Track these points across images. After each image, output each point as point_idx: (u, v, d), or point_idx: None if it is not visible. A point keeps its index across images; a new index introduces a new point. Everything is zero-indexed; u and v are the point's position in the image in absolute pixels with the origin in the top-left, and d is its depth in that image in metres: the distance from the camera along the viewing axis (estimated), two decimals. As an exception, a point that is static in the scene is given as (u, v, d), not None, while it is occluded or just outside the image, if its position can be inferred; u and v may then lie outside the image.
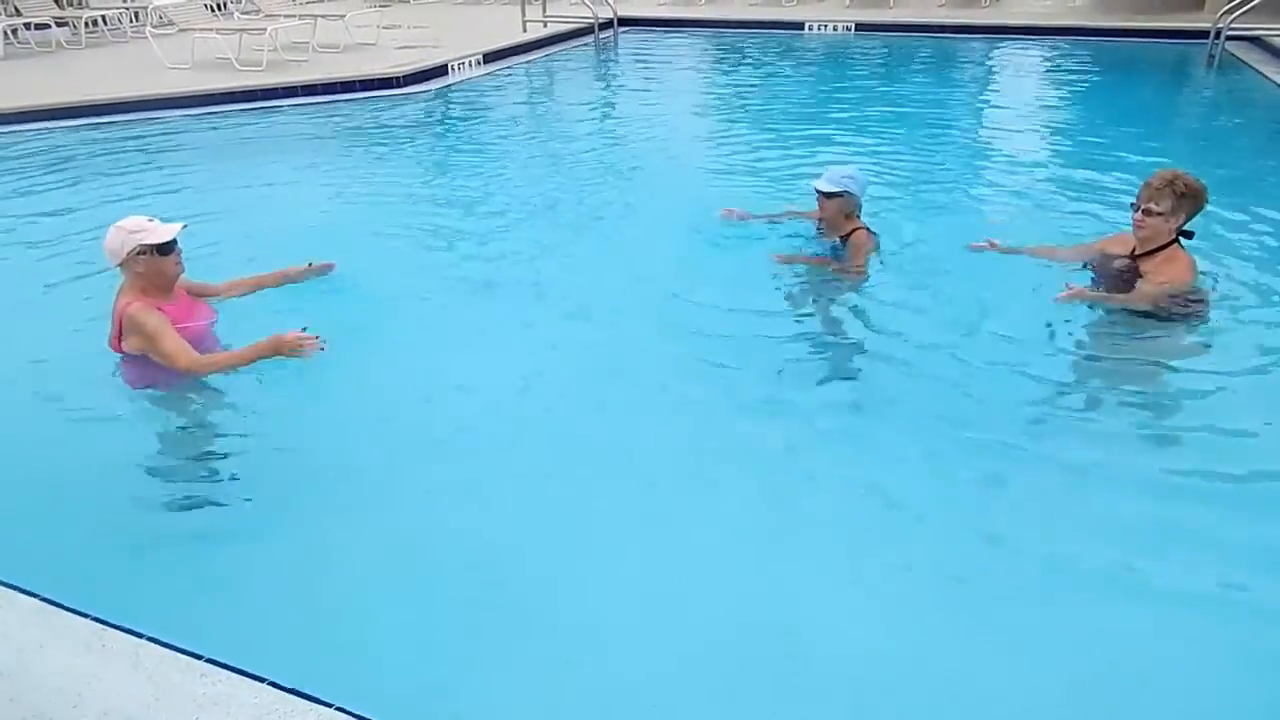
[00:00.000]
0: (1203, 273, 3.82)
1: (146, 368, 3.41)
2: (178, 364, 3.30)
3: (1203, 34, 10.31)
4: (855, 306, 4.18)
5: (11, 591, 2.42)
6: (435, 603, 2.61)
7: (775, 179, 6.27)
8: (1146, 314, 3.67)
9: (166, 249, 3.39)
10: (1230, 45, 10.05)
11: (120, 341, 3.40)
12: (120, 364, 3.49)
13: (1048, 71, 10.58)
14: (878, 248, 4.44)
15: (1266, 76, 9.00)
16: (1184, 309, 3.66)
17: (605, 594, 2.63)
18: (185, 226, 3.48)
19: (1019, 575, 2.66)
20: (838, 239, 4.45)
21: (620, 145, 7.78)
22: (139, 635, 2.25)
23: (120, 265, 3.38)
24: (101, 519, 2.97)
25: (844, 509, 2.97)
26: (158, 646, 2.22)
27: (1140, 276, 3.71)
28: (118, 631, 2.27)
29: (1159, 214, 3.58)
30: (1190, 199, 3.57)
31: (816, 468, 3.19)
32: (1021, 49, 11.51)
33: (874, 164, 6.37)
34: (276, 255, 4.33)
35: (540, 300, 4.47)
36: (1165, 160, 6.31)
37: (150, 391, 3.49)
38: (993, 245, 4.34)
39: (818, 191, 4.33)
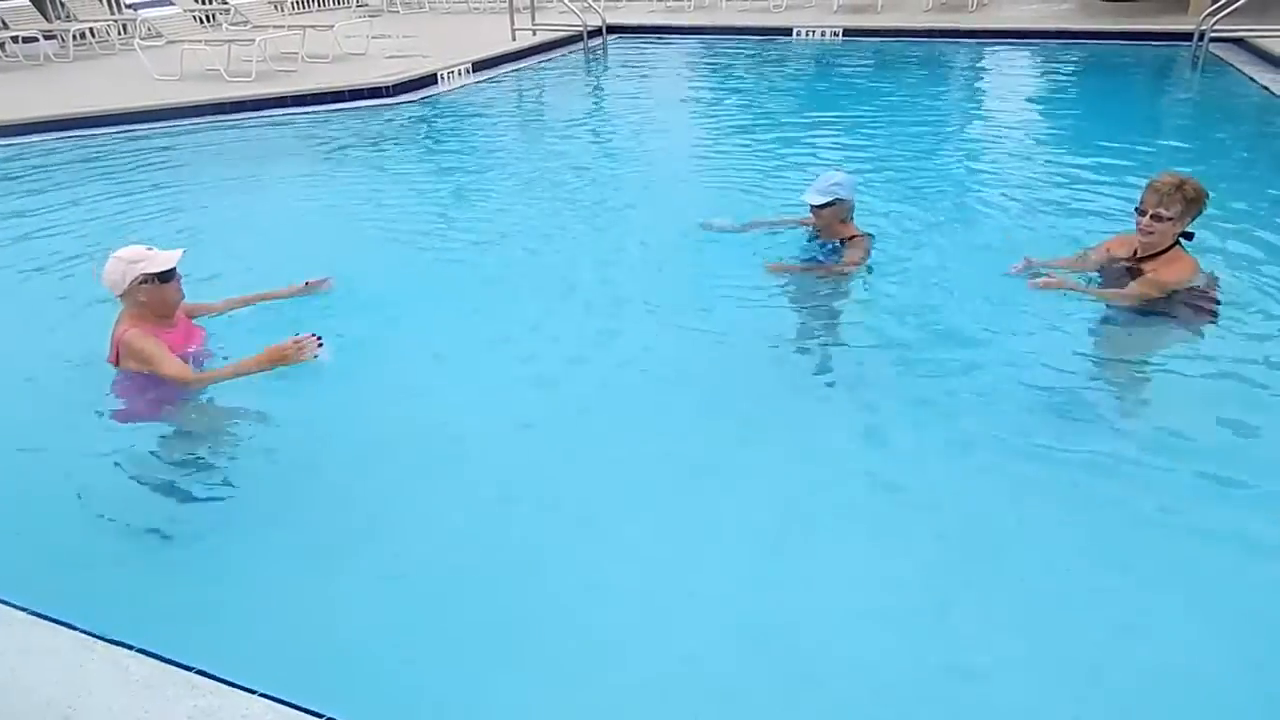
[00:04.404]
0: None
1: (142, 382, 3.40)
2: (178, 384, 3.29)
3: (1187, 36, 10.40)
4: (852, 310, 4.19)
5: (1, 605, 2.40)
6: (432, 611, 2.60)
7: (766, 186, 6.28)
8: (1155, 314, 3.64)
9: (167, 276, 3.35)
10: (1214, 47, 10.13)
11: (118, 360, 3.40)
12: (116, 378, 3.48)
13: (1034, 75, 10.65)
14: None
15: (1250, 78, 9.07)
16: (1198, 307, 3.62)
17: (609, 599, 2.63)
18: (185, 252, 3.44)
19: (1028, 575, 2.66)
20: (837, 242, 4.47)
21: (610, 153, 7.80)
22: (129, 647, 2.24)
23: (122, 296, 3.34)
24: (91, 531, 2.95)
25: (847, 511, 2.97)
26: (148, 658, 2.20)
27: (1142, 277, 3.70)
28: (108, 644, 2.25)
29: (1169, 219, 3.55)
30: (1196, 202, 3.58)
31: (819, 470, 3.19)
32: (1008, 53, 11.59)
33: (862, 168, 6.39)
34: (267, 267, 4.33)
35: (536, 308, 4.46)
36: (1151, 161, 6.38)
37: (143, 406, 3.47)
38: (1029, 263, 4.21)
39: (810, 205, 4.35)
